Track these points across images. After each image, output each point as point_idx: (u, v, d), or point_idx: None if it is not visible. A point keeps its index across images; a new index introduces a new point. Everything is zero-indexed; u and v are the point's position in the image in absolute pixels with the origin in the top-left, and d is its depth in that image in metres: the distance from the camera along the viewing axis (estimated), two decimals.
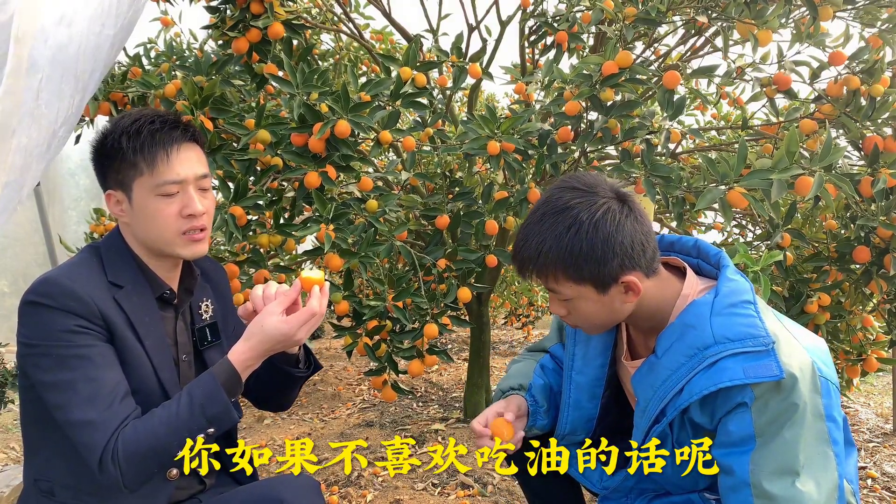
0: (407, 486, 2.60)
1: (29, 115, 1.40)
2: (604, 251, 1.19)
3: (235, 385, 1.25)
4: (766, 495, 1.14)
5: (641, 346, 1.40)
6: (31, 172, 1.45)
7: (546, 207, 1.25)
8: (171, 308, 1.42)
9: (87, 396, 1.18)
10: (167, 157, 1.29)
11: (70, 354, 1.19)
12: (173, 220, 1.31)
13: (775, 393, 1.15)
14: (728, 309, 1.21)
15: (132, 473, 1.18)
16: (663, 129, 2.29)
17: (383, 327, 2.43)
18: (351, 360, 4.74)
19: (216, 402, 1.22)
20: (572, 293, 1.25)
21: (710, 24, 2.48)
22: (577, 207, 1.21)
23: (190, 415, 1.20)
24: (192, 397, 1.22)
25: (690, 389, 1.20)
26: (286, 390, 1.54)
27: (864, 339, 2.64)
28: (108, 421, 1.18)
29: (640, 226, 1.23)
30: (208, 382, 1.23)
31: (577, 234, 1.20)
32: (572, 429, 1.49)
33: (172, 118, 1.34)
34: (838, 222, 2.58)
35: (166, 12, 3.61)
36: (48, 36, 1.41)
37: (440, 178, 2.92)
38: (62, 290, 1.22)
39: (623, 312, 1.28)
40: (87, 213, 3.78)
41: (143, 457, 1.18)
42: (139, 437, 1.18)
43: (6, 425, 3.53)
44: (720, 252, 1.33)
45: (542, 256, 1.22)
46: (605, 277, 1.21)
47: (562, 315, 1.32)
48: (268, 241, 2.28)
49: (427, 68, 2.46)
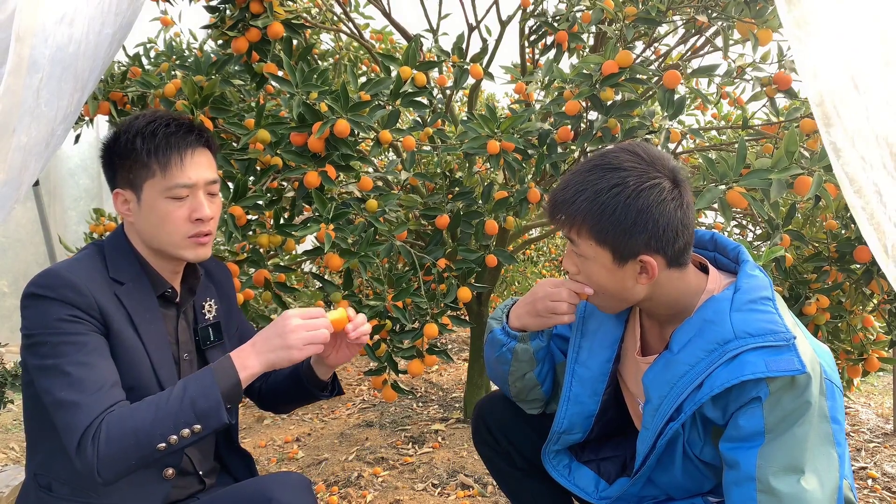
0: (407, 487, 2.60)
1: (29, 114, 1.41)
2: (635, 222, 1.17)
3: (233, 386, 1.21)
4: (772, 491, 1.14)
5: (656, 340, 1.38)
6: (30, 171, 1.46)
7: (600, 160, 1.23)
8: (172, 306, 1.42)
9: (76, 379, 1.18)
10: (181, 161, 1.30)
11: (63, 341, 1.20)
12: (181, 223, 1.32)
13: (789, 390, 1.14)
14: (748, 305, 1.20)
15: (109, 459, 1.13)
16: (663, 129, 2.29)
17: (383, 327, 2.43)
18: (351, 360, 4.74)
19: (208, 397, 1.17)
20: (590, 252, 1.23)
21: (710, 23, 2.48)
22: (630, 171, 1.19)
23: (179, 407, 1.16)
24: (185, 389, 1.19)
25: (711, 383, 1.18)
26: (299, 403, 1.56)
27: (865, 339, 2.63)
28: (94, 404, 1.16)
29: (683, 215, 1.21)
30: (205, 377, 1.20)
31: (617, 196, 1.18)
32: (570, 425, 1.46)
33: (188, 122, 1.35)
34: (838, 222, 2.58)
35: (166, 12, 3.61)
36: (48, 35, 1.42)
37: (440, 178, 2.91)
38: (61, 281, 1.23)
39: (633, 294, 1.26)
40: (88, 213, 3.78)
41: (124, 443, 1.14)
42: (124, 421, 1.15)
43: (6, 425, 3.53)
44: (739, 246, 1.32)
45: (575, 204, 1.21)
46: (625, 249, 1.20)
47: (571, 271, 1.30)
48: (268, 240, 2.28)
49: (427, 68, 2.46)
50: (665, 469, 1.35)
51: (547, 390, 1.54)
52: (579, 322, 1.46)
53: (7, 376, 2.76)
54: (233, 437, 1.55)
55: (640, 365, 1.38)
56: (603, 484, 1.47)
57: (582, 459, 1.52)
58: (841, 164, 1.32)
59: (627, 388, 1.47)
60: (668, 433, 1.26)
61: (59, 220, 4.80)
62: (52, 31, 1.42)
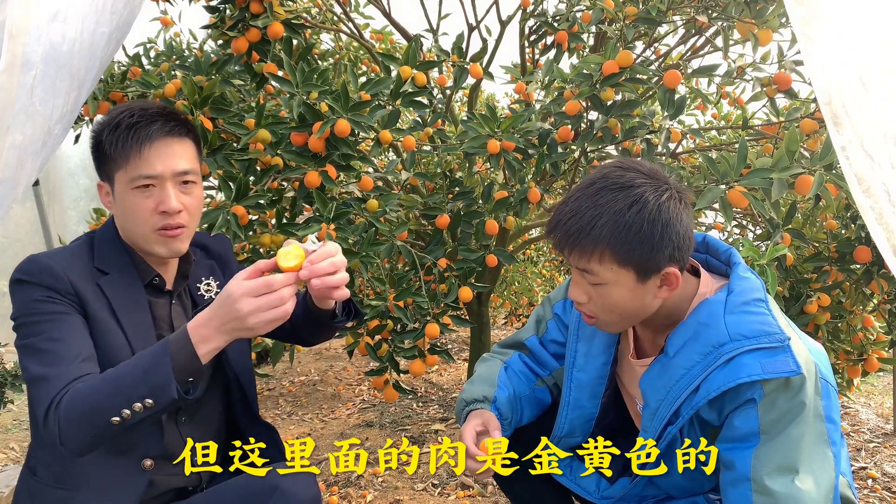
0: (407, 487, 2.60)
1: (23, 112, 1.41)
2: (661, 236, 1.15)
3: (189, 359, 1.10)
4: (766, 491, 1.14)
5: (649, 345, 1.38)
6: (26, 170, 1.46)
7: (604, 182, 1.19)
8: (164, 294, 1.41)
9: (47, 354, 1.18)
10: (140, 152, 1.27)
11: (39, 320, 1.21)
12: (148, 215, 1.29)
13: (784, 391, 1.14)
14: (741, 307, 1.20)
15: (69, 430, 1.11)
16: (663, 129, 2.29)
17: (384, 327, 2.43)
18: (351, 360, 4.74)
19: (159, 371, 1.09)
20: (610, 276, 1.19)
21: (711, 23, 2.48)
22: (643, 187, 1.17)
23: (132, 379, 1.10)
24: (139, 360, 1.13)
25: (708, 387, 1.18)
26: (322, 334, 1.52)
27: (865, 340, 2.63)
28: (62, 376, 1.15)
29: (690, 221, 1.21)
30: (158, 350, 1.12)
31: (640, 213, 1.15)
32: (570, 429, 1.46)
33: (155, 111, 1.31)
34: (839, 222, 2.58)
35: (166, 12, 3.61)
36: (42, 33, 1.42)
37: (440, 178, 2.92)
38: (39, 266, 1.25)
39: (649, 308, 1.24)
40: (87, 213, 3.77)
41: (81, 414, 1.11)
42: (83, 393, 1.13)
43: (6, 425, 3.53)
44: (731, 248, 1.32)
45: (595, 230, 1.16)
46: (651, 264, 1.17)
47: (580, 301, 1.26)
48: (270, 240, 2.28)
49: (427, 67, 2.46)
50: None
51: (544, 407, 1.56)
52: (575, 327, 1.45)
53: (7, 376, 2.76)
54: (252, 410, 1.51)
55: (636, 368, 1.38)
56: (605, 483, 1.47)
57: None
58: (849, 163, 1.31)
59: (626, 390, 1.47)
60: (666, 437, 1.26)
61: (59, 220, 4.79)
62: (46, 28, 1.42)
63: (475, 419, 1.39)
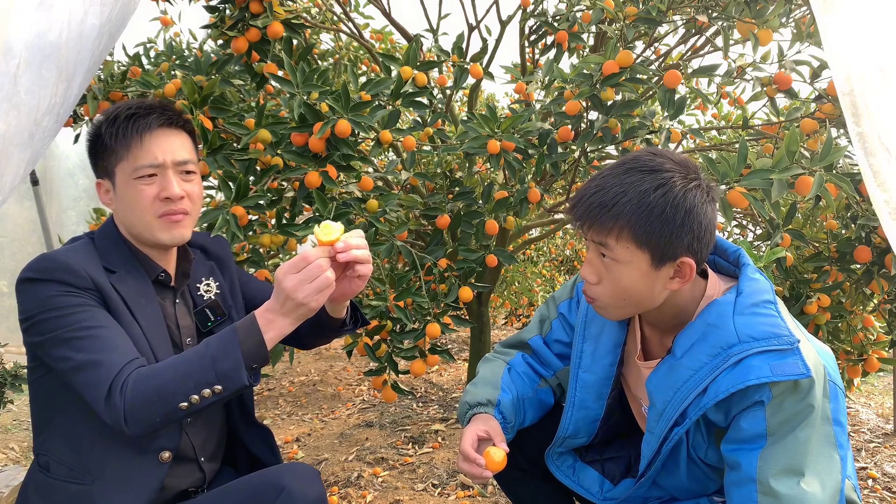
0: (407, 487, 2.60)
1: (6, 101, 1.39)
2: (683, 222, 1.15)
3: (257, 346, 1.16)
4: (772, 493, 1.14)
5: (657, 346, 1.37)
6: (13, 162, 1.43)
7: (634, 164, 1.19)
8: (169, 291, 1.42)
9: (91, 341, 1.19)
10: (141, 141, 1.30)
11: (66, 313, 1.21)
12: (150, 202, 1.31)
13: (792, 393, 1.14)
14: (750, 308, 1.19)
15: (136, 411, 1.14)
16: (664, 129, 2.29)
17: (384, 327, 2.42)
18: (350, 360, 4.73)
19: (229, 356, 1.14)
20: (625, 256, 1.18)
21: (711, 23, 2.48)
22: (672, 173, 1.17)
23: (200, 365, 1.15)
24: (207, 347, 1.17)
25: (716, 388, 1.17)
26: (324, 338, 1.53)
27: (865, 340, 2.63)
28: (116, 359, 1.17)
29: (714, 217, 1.20)
30: (226, 336, 1.18)
31: (665, 196, 1.15)
32: (575, 430, 1.46)
33: (151, 104, 1.34)
34: (839, 222, 2.58)
35: (166, 12, 3.61)
36: (25, 20, 1.40)
37: (440, 178, 2.92)
38: (56, 264, 1.24)
39: (657, 298, 1.23)
40: (87, 212, 3.78)
41: (148, 397, 1.14)
42: (148, 378, 1.16)
43: (6, 425, 3.52)
44: (739, 249, 1.31)
45: (617, 206, 1.15)
46: (668, 250, 1.16)
47: (590, 281, 1.25)
48: (270, 240, 2.27)
49: (427, 68, 2.46)
50: (670, 472, 1.35)
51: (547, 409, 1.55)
52: (581, 327, 1.44)
53: (7, 376, 2.75)
54: (248, 411, 1.53)
55: (642, 369, 1.38)
56: (608, 485, 1.46)
57: (586, 460, 1.52)
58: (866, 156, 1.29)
59: (631, 392, 1.47)
60: (672, 439, 1.26)
61: (58, 219, 4.78)
62: (30, 16, 1.41)
63: (478, 424, 1.39)
